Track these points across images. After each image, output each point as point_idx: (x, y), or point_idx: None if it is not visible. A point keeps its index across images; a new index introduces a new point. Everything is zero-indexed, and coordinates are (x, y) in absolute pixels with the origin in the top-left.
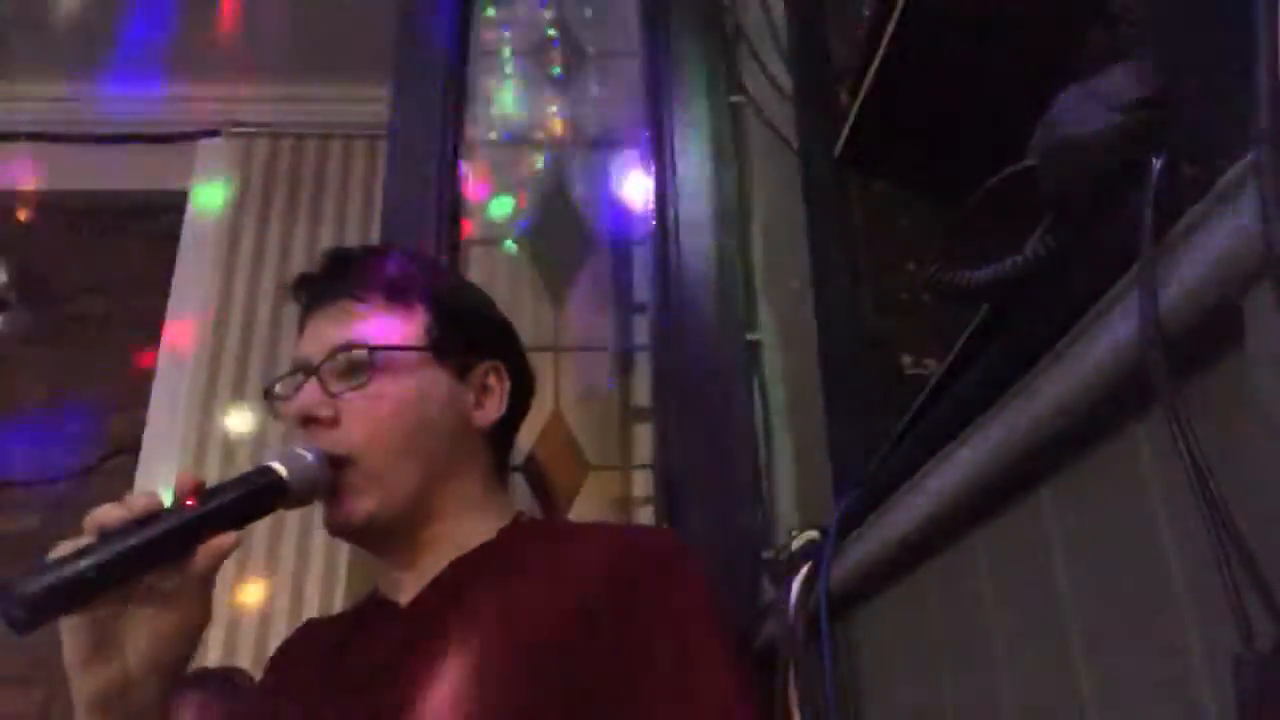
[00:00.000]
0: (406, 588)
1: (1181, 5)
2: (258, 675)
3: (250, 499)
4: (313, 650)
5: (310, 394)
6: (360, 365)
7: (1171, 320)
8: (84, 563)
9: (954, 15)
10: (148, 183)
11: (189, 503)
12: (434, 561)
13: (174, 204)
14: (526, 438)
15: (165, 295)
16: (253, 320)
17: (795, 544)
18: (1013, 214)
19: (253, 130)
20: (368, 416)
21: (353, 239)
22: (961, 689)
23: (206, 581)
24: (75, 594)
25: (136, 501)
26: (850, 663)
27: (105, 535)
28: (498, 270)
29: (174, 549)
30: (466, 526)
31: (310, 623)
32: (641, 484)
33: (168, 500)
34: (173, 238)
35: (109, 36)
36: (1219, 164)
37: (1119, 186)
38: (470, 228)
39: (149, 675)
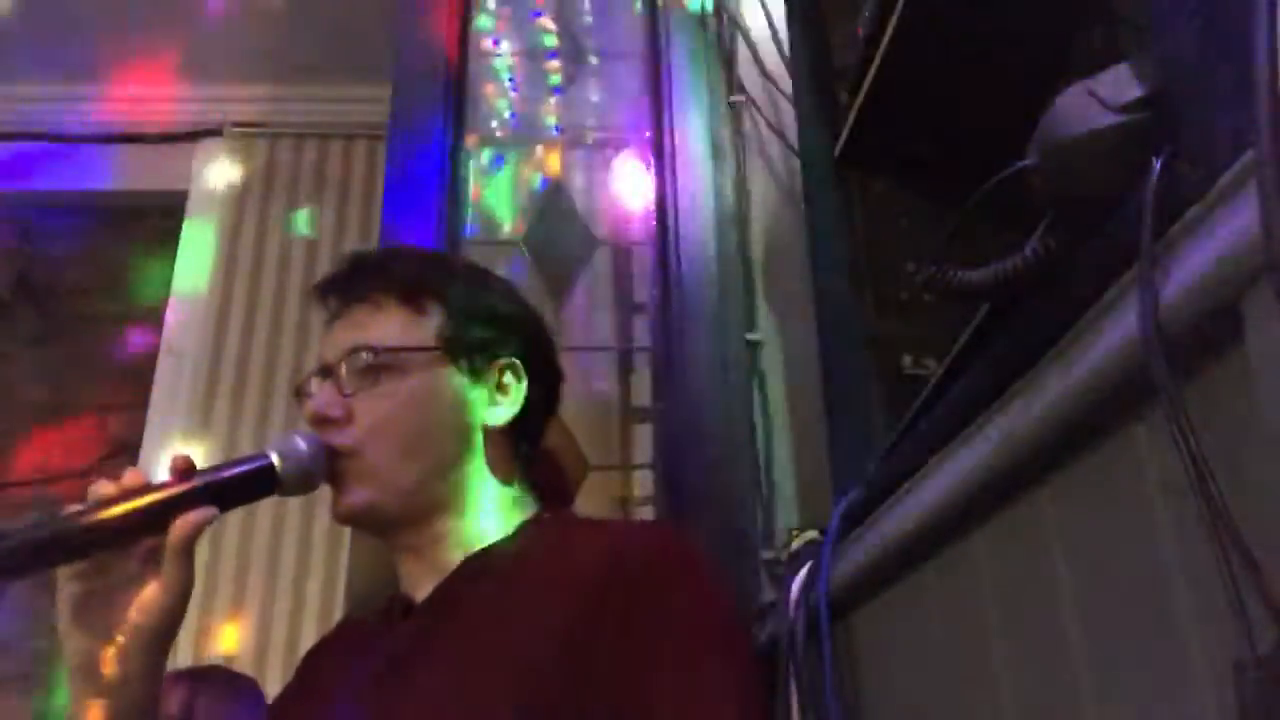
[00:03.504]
0: (423, 582)
1: (1181, 5)
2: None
3: (238, 482)
4: (338, 651)
5: (325, 394)
6: (372, 367)
7: (1171, 320)
8: (71, 523)
9: (953, 16)
10: (148, 183)
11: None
12: (447, 556)
13: (174, 204)
14: None
15: (165, 295)
16: (253, 320)
17: (795, 544)
18: (1013, 214)
19: (253, 130)
20: (374, 414)
21: (352, 239)
22: (962, 689)
23: (182, 553)
24: (59, 549)
25: (127, 477)
26: (850, 663)
27: (97, 503)
28: (498, 270)
29: (155, 520)
30: (481, 523)
31: (344, 623)
32: (642, 484)
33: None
34: (173, 238)
35: (108, 36)
36: (1219, 164)
37: (1119, 186)
38: (470, 228)
39: (132, 643)
